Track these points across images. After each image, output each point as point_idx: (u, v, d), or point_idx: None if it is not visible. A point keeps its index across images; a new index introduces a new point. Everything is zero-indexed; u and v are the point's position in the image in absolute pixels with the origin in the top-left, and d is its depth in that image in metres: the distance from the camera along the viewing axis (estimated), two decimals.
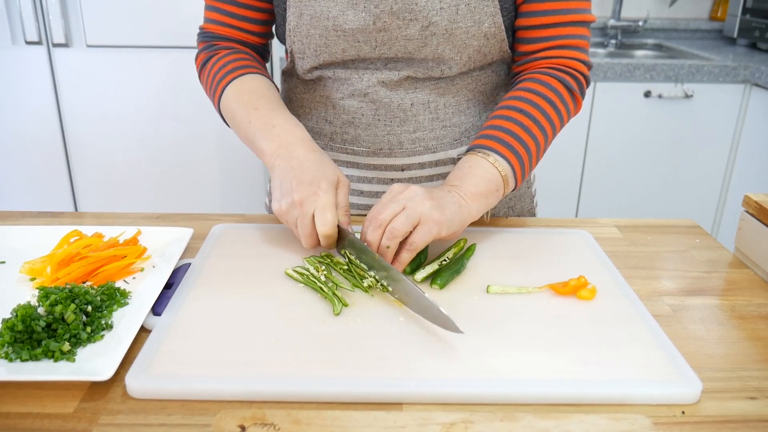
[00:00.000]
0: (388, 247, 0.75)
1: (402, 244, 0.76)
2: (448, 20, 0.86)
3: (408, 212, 0.75)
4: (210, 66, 0.97)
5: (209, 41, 0.99)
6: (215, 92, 0.95)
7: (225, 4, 0.96)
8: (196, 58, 1.01)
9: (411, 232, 0.76)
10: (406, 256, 0.76)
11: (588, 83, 0.95)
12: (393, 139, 0.97)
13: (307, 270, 0.78)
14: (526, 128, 0.87)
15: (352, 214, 1.03)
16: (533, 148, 0.88)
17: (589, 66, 0.94)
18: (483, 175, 0.83)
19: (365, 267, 0.78)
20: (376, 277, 0.76)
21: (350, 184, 0.85)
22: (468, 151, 0.88)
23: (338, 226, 0.79)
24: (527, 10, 0.91)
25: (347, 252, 0.80)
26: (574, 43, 0.92)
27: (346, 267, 0.79)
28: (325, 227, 0.77)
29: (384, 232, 0.75)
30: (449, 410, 0.58)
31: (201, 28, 1.01)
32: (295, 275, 0.78)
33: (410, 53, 0.90)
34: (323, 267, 0.79)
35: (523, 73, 0.95)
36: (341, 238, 0.80)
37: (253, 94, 0.91)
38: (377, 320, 0.70)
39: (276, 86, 0.98)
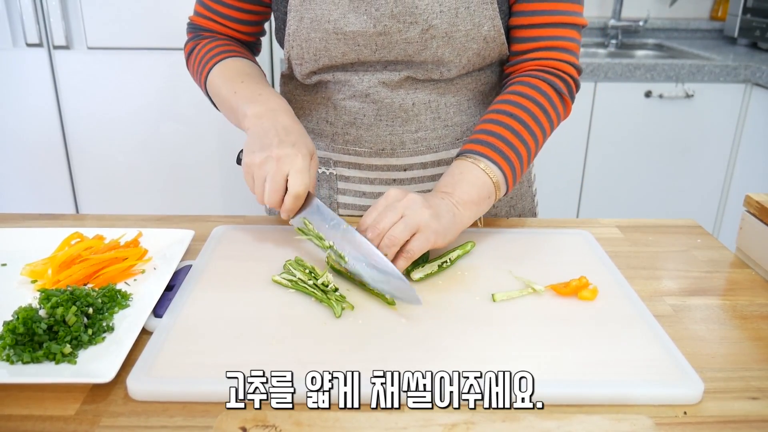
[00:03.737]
0: (385, 254, 0.75)
1: (399, 252, 0.76)
2: (448, 23, 0.86)
3: (407, 221, 0.75)
4: (196, 52, 0.98)
5: (196, 32, 1.01)
6: (201, 74, 0.97)
7: (213, 3, 0.98)
8: (185, 48, 1.03)
9: (408, 240, 0.76)
10: (403, 264, 0.76)
11: (577, 87, 0.94)
12: (395, 139, 0.97)
13: (295, 276, 0.77)
14: (517, 133, 0.87)
15: (353, 215, 1.04)
16: (524, 154, 0.87)
17: (578, 69, 0.94)
18: (474, 182, 0.83)
19: (323, 236, 0.79)
20: (332, 246, 0.78)
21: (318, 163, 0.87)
22: (459, 155, 0.87)
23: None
24: (519, 10, 0.91)
25: (306, 220, 0.81)
26: (564, 45, 0.92)
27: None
28: (299, 187, 0.77)
29: (383, 239, 0.75)
30: (451, 411, 0.57)
31: (190, 19, 1.02)
32: (284, 282, 0.77)
33: (410, 56, 0.90)
34: (308, 271, 0.77)
35: (513, 75, 0.95)
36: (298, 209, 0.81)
37: (238, 71, 0.93)
38: (379, 321, 0.70)
39: (261, 68, 0.99)
